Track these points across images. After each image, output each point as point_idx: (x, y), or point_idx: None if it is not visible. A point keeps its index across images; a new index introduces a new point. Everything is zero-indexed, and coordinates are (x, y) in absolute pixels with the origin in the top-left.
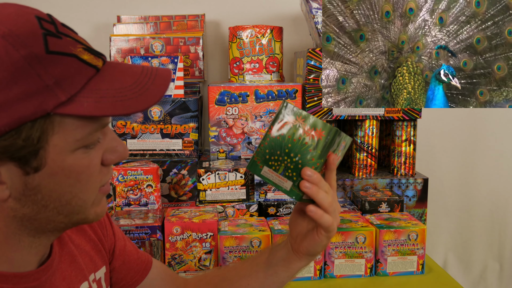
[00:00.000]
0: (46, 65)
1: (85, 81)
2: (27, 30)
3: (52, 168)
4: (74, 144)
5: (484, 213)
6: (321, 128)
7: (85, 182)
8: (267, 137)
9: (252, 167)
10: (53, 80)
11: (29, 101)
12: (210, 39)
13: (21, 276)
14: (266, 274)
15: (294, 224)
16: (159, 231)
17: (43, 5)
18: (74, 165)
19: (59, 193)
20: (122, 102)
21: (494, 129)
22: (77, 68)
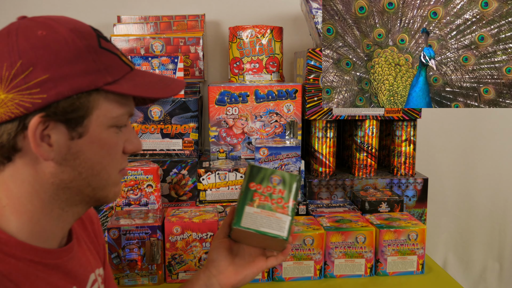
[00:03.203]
0: (99, 55)
1: (124, 73)
2: (86, 30)
3: (92, 137)
4: (110, 120)
5: (484, 213)
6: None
7: (113, 157)
8: (295, 209)
9: (288, 236)
10: (103, 66)
11: (86, 77)
12: (210, 39)
13: (48, 251)
14: None
15: (222, 261)
16: (159, 231)
17: (44, 5)
18: (107, 139)
19: (93, 162)
20: (153, 89)
21: (494, 129)
22: (119, 63)
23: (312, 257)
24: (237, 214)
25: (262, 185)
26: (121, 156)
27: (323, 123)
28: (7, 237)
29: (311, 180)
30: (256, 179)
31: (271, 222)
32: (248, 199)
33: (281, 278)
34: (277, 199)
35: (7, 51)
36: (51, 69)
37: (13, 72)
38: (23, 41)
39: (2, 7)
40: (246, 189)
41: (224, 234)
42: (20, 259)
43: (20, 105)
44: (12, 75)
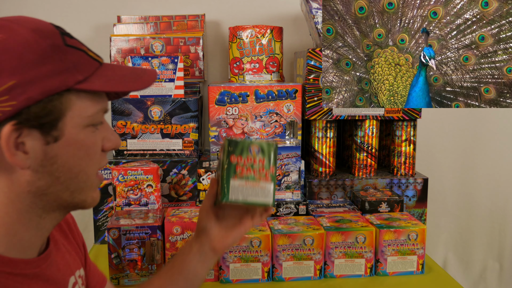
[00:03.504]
0: (65, 53)
1: (94, 69)
2: (49, 28)
3: (68, 140)
4: (85, 119)
5: (484, 213)
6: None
7: (91, 158)
8: (276, 175)
9: (274, 202)
10: (72, 64)
11: (55, 78)
12: (210, 39)
13: (26, 262)
14: (187, 279)
15: (213, 228)
16: (159, 231)
17: (44, 5)
18: (84, 140)
19: (70, 165)
20: (125, 83)
21: (494, 129)
22: (86, 59)
23: (312, 257)
24: (223, 188)
25: (243, 156)
26: (100, 155)
27: (323, 123)
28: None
29: (311, 180)
30: (236, 152)
31: (256, 191)
32: (232, 172)
33: (281, 278)
34: (259, 168)
35: None
36: (17, 74)
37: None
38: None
39: (2, 7)
40: (228, 163)
41: (210, 204)
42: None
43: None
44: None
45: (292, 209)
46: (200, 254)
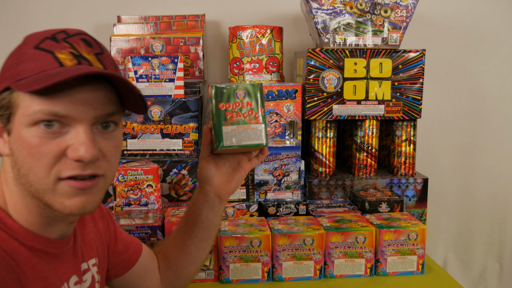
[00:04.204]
0: (26, 59)
1: (43, 70)
2: (39, 35)
3: (16, 134)
4: (26, 118)
5: (484, 213)
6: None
7: (36, 159)
8: (265, 115)
9: (267, 141)
10: (21, 68)
11: (8, 79)
12: (210, 39)
13: (49, 240)
14: (202, 228)
15: (214, 177)
16: (159, 231)
17: (44, 5)
18: (26, 138)
19: (21, 161)
20: (44, 80)
21: (494, 129)
22: (47, 61)
23: (312, 257)
24: (217, 136)
25: (230, 102)
26: (58, 160)
27: (323, 123)
28: (12, 222)
29: (311, 180)
30: (223, 99)
31: (249, 134)
32: (222, 119)
33: (281, 278)
34: (248, 111)
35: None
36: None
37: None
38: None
39: (2, 7)
40: (217, 110)
41: (207, 154)
42: (23, 243)
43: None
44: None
45: (292, 209)
46: (208, 203)
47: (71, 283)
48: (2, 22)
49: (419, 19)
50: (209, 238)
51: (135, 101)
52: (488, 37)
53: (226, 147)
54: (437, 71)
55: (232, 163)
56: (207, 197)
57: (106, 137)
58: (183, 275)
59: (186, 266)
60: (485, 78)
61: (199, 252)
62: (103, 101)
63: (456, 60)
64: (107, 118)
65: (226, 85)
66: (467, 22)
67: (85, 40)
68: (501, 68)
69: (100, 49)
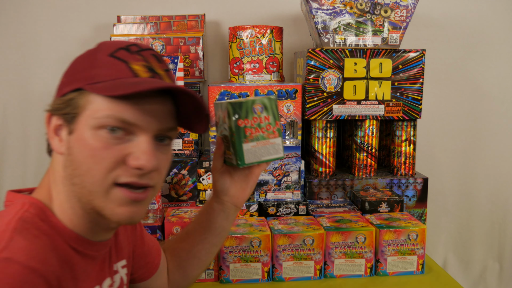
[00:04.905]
0: (102, 61)
1: (117, 77)
2: (115, 43)
3: (78, 134)
4: (93, 120)
5: (484, 213)
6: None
7: (96, 161)
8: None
9: (284, 152)
10: (95, 72)
11: (80, 81)
12: (210, 39)
13: (92, 244)
14: (215, 234)
15: (230, 188)
16: (159, 231)
17: (44, 5)
18: (90, 140)
19: (80, 161)
20: (123, 88)
21: (494, 129)
22: (121, 69)
23: (312, 257)
24: (237, 153)
25: (249, 118)
26: (117, 165)
27: (323, 123)
28: (57, 221)
29: (311, 180)
30: (242, 115)
31: (268, 149)
32: (242, 136)
33: (281, 278)
34: (266, 126)
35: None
36: (67, 76)
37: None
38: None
39: (2, 7)
40: (237, 128)
41: (220, 164)
42: (66, 243)
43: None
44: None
45: (292, 209)
46: (224, 212)
47: (104, 285)
48: (2, 22)
49: (419, 19)
50: (220, 243)
51: (199, 120)
52: (488, 37)
53: (248, 164)
54: (437, 71)
55: (243, 170)
56: (224, 206)
57: (161, 150)
58: (190, 277)
59: (194, 269)
60: (485, 78)
61: (208, 256)
62: (167, 115)
63: (456, 60)
64: (167, 132)
65: (243, 100)
66: (467, 22)
67: (155, 55)
68: (501, 68)
69: (167, 66)
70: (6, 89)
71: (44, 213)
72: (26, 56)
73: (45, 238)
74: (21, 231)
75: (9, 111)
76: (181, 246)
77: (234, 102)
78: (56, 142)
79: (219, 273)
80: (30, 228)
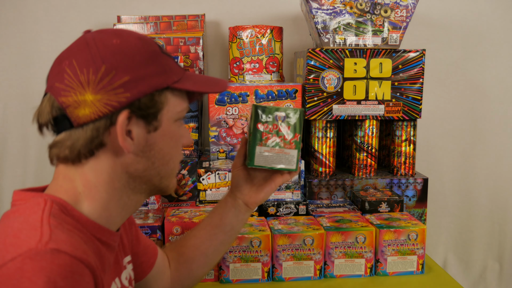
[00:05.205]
0: (163, 58)
1: (182, 73)
2: (148, 38)
3: (164, 130)
4: (176, 114)
5: (484, 213)
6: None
7: (178, 148)
8: (301, 141)
9: (297, 167)
10: (168, 68)
11: (159, 77)
12: (210, 39)
13: (110, 232)
14: (224, 232)
15: (245, 186)
16: (159, 231)
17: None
18: (175, 131)
19: (164, 152)
20: (208, 86)
21: (494, 129)
22: (177, 65)
23: (312, 257)
24: (249, 153)
25: (269, 124)
26: (181, 148)
27: (323, 123)
28: (80, 215)
29: (311, 180)
30: (262, 119)
31: (281, 158)
32: (258, 139)
33: (281, 278)
34: (284, 135)
35: (91, 58)
36: (130, 72)
37: (99, 75)
38: (103, 49)
39: (2, 7)
40: (254, 129)
41: (240, 163)
42: (92, 235)
43: (108, 104)
44: (98, 78)
45: (292, 209)
46: (235, 208)
47: (122, 277)
48: (2, 22)
49: (419, 19)
50: (228, 243)
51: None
52: (488, 37)
53: (256, 166)
54: (437, 71)
55: (265, 176)
56: (236, 202)
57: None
58: (194, 275)
59: (199, 267)
60: (485, 78)
61: (215, 255)
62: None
63: (456, 60)
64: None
65: (268, 106)
66: (467, 22)
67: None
68: (501, 68)
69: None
70: (6, 89)
71: (66, 208)
72: (26, 56)
73: (77, 231)
74: (56, 225)
75: (9, 111)
76: (190, 243)
77: (259, 105)
78: (129, 142)
79: (219, 273)
80: (62, 223)
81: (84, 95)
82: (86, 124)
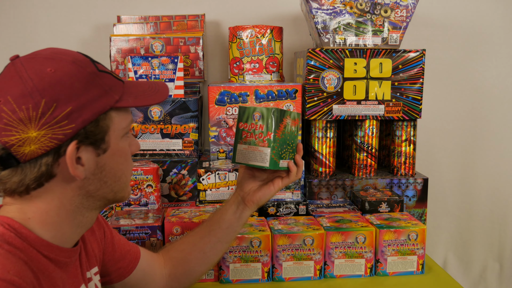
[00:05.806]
0: (102, 77)
1: (122, 88)
2: (82, 58)
3: (113, 150)
4: (122, 131)
5: (484, 213)
6: (296, 118)
7: (129, 162)
8: (276, 140)
9: (272, 165)
10: (108, 87)
11: (101, 100)
12: (210, 39)
13: (62, 250)
14: (222, 229)
15: (246, 184)
16: (159, 231)
17: (44, 5)
18: (123, 148)
19: (115, 170)
20: (149, 97)
21: (494, 129)
22: (115, 81)
23: (312, 257)
24: (233, 151)
25: (248, 123)
26: (131, 157)
27: (323, 123)
28: (28, 232)
29: (311, 180)
30: (243, 119)
31: (255, 155)
32: (239, 137)
33: (281, 278)
34: (259, 134)
35: (28, 93)
36: (72, 101)
37: (40, 111)
38: (39, 82)
39: (2, 7)
40: (237, 128)
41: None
42: (39, 252)
43: (54, 138)
44: (39, 114)
45: (292, 209)
46: (234, 204)
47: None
48: (2, 22)
49: (419, 19)
50: (225, 242)
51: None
52: (488, 37)
53: (237, 163)
54: (437, 71)
55: (267, 179)
56: (236, 198)
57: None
58: (191, 274)
59: (196, 264)
60: (485, 78)
61: (212, 253)
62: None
63: (456, 60)
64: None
65: (248, 107)
66: (467, 22)
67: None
68: (501, 68)
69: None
70: None
71: (13, 227)
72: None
73: (17, 252)
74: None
75: None
76: (189, 240)
77: (242, 105)
78: (80, 169)
79: (219, 273)
80: (2, 244)
81: (28, 133)
82: (34, 160)
